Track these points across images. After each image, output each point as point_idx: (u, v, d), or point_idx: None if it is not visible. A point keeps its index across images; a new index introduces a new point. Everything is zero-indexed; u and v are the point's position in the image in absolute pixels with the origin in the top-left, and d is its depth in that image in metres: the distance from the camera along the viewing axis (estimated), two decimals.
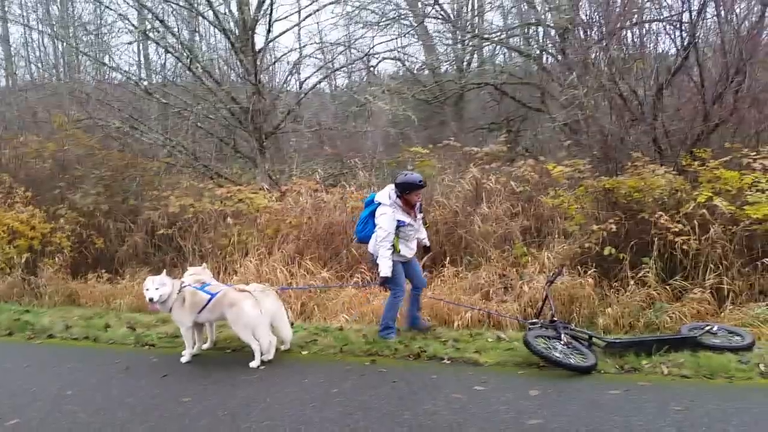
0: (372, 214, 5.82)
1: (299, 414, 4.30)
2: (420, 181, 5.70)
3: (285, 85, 11.58)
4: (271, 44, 11.21)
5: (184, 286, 5.60)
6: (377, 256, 5.69)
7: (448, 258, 7.61)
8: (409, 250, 5.90)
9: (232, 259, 8.30)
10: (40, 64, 17.78)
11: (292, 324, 6.31)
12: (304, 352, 5.80)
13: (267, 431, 4.04)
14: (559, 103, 10.34)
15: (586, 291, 6.54)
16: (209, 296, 5.50)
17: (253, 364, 5.35)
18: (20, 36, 18.58)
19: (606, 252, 6.94)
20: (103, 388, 5.05)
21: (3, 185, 10.04)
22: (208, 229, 8.97)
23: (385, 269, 5.57)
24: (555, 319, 5.55)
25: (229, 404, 4.54)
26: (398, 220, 5.66)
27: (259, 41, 10.91)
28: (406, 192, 5.67)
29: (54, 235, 9.23)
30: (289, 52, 11.40)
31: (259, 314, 5.36)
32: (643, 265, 6.77)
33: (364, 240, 6.00)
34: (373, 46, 12.65)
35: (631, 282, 6.64)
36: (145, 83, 11.46)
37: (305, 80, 11.98)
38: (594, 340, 5.42)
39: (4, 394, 4.98)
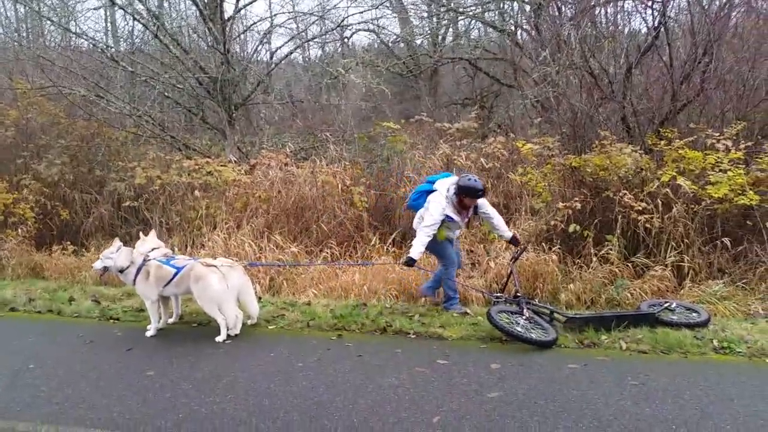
0: (428, 192, 5.87)
1: (264, 388, 4.34)
2: (479, 191, 5.68)
3: (255, 55, 11.38)
4: (241, 12, 11.00)
5: (149, 260, 5.54)
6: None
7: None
8: (452, 234, 6.01)
9: (200, 232, 8.23)
10: (0, 28, 17.12)
11: (259, 299, 6.33)
12: (271, 327, 5.82)
13: (232, 404, 4.07)
14: (532, 80, 10.35)
15: (550, 267, 6.65)
16: (175, 270, 5.46)
17: (219, 338, 5.36)
18: None
19: (571, 229, 7.05)
20: (67, 361, 5.02)
21: None
22: (175, 201, 8.85)
23: (415, 252, 5.61)
24: (519, 294, 5.65)
25: (193, 377, 4.55)
26: (447, 215, 5.71)
27: (229, 9, 10.70)
28: (464, 195, 5.68)
29: (17, 206, 9.00)
30: (260, 21, 11.17)
31: (225, 289, 5.36)
32: (607, 243, 6.90)
33: (412, 208, 6.11)
34: (347, 17, 12.41)
35: (594, 259, 6.77)
36: (112, 50, 11.10)
37: (276, 50, 11.79)
38: (555, 315, 5.54)
39: None
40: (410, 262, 5.61)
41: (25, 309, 6.69)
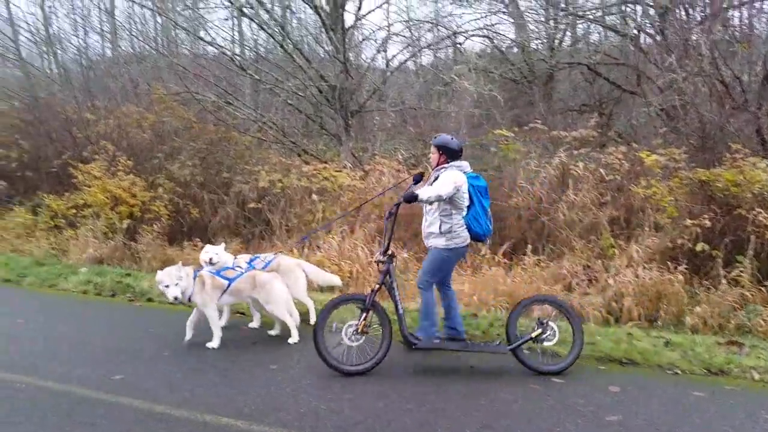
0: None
1: (378, 390, 4.48)
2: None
3: (372, 63, 11.66)
4: (360, 21, 11.31)
5: (198, 272, 5.68)
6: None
7: (529, 246, 7.52)
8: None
9: (316, 235, 8.58)
10: (141, 38, 18.74)
11: None
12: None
13: (348, 404, 4.22)
14: (656, 87, 9.84)
15: (675, 288, 6.31)
16: (227, 281, 5.66)
17: (292, 340, 5.63)
18: (125, 9, 19.53)
19: (698, 248, 6.65)
20: (197, 351, 5.46)
21: (107, 153, 10.74)
22: (294, 204, 9.28)
23: (425, 193, 4.77)
24: (377, 286, 4.98)
25: (314, 375, 4.77)
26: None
27: (349, 19, 11.04)
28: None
29: (153, 203, 9.85)
30: (377, 30, 11.42)
31: (287, 291, 5.65)
32: (738, 264, 6.44)
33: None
34: (462, 25, 12.42)
35: (724, 281, 6.34)
36: (239, 59, 11.84)
37: (392, 58, 12.02)
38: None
39: (113, 350, 5.48)
40: (411, 199, 4.73)
41: (160, 300, 7.27)
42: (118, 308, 7.20)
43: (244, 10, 11.30)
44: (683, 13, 9.86)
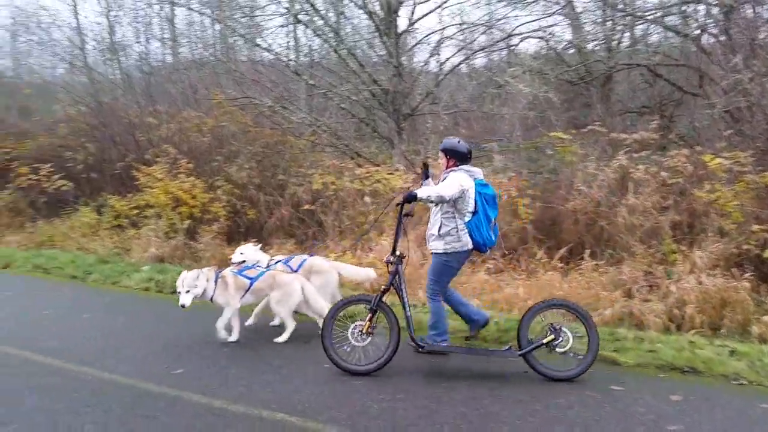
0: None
1: (431, 393, 4.48)
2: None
3: (425, 67, 11.67)
4: (412, 26, 11.33)
5: (220, 273, 5.83)
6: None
7: (587, 250, 7.34)
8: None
9: (368, 237, 8.63)
10: (200, 44, 19.33)
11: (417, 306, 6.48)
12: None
13: (401, 404, 4.24)
14: (720, 88, 9.46)
15: (741, 296, 6.02)
16: (249, 281, 5.79)
17: (281, 339, 5.74)
18: (184, 17, 20.18)
19: (766, 255, 6.35)
20: (253, 347, 5.60)
21: (168, 156, 11.12)
22: (347, 206, 9.37)
23: (424, 192, 4.77)
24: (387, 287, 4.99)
25: (367, 375, 4.80)
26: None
27: (402, 23, 11.08)
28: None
29: (212, 204, 10.14)
30: (430, 33, 11.40)
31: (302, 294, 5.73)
32: None
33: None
34: (517, 27, 12.24)
35: None
36: (294, 64, 12.07)
37: (445, 61, 11.98)
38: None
39: (174, 346, 5.69)
40: (411, 198, 4.71)
41: None
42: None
43: (300, 17, 11.50)
44: (750, 11, 9.45)
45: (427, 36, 11.25)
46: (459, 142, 5.10)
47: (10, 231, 12.38)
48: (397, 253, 4.98)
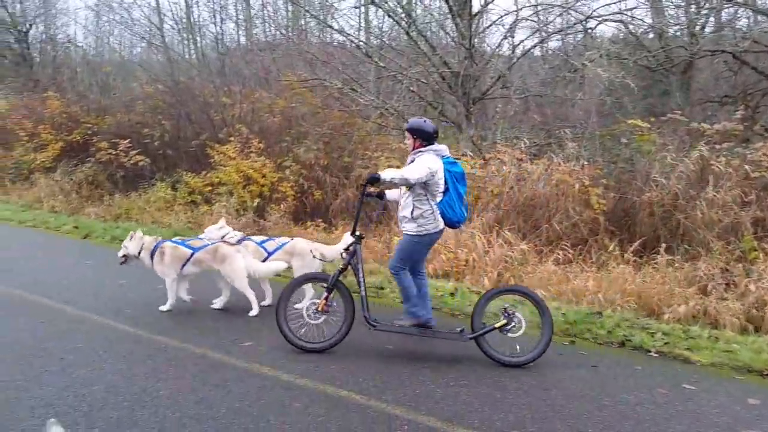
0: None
1: (495, 380, 4.45)
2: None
3: (497, 49, 11.43)
4: (486, 7, 11.11)
5: (161, 243, 6.10)
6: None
7: (663, 245, 7.06)
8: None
9: None
10: (273, 26, 19.68)
11: None
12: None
13: (465, 389, 4.24)
14: None
15: None
16: (191, 251, 6.00)
17: (252, 313, 5.93)
18: None
19: None
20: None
21: (241, 136, 11.40)
22: None
23: (387, 173, 4.72)
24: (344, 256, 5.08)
25: (432, 359, 4.82)
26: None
27: (475, 4, 10.89)
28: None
29: (281, 184, 10.35)
30: (505, 15, 11.08)
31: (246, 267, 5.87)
32: None
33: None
34: (595, 9, 11.79)
35: None
36: (365, 46, 12.07)
37: (518, 44, 11.70)
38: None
39: (243, 319, 5.87)
40: (373, 179, 4.70)
41: (285, 274, 7.66)
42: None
43: None
44: None
45: (501, 17, 10.98)
46: (425, 121, 5.04)
47: (90, 203, 12.98)
48: (357, 233, 5.09)
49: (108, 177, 13.55)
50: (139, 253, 6.10)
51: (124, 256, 6.17)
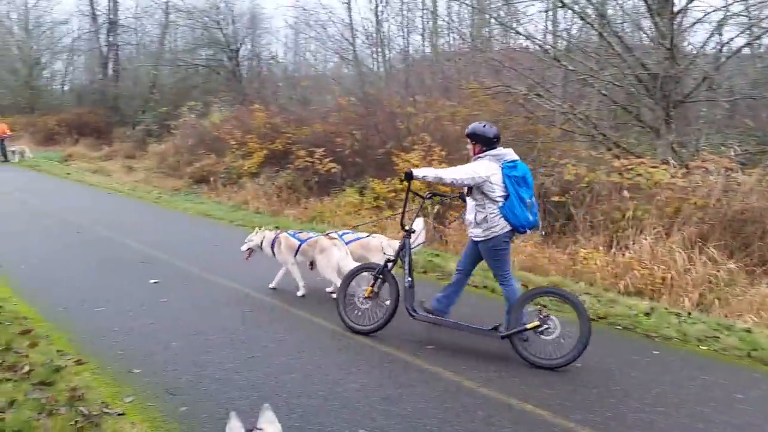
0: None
1: (697, 410, 4.07)
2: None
3: (702, 48, 10.38)
4: (691, 3, 10.14)
5: (278, 234, 6.74)
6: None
7: None
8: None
9: (625, 234, 8.06)
10: (458, 36, 19.92)
11: (689, 314, 5.88)
12: (703, 347, 5.35)
13: (662, 417, 3.94)
14: None
15: None
16: (299, 242, 6.54)
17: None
18: (444, 9, 21.00)
19: None
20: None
21: (424, 144, 11.67)
22: (601, 200, 8.86)
23: (420, 171, 5.02)
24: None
25: (622, 383, 4.54)
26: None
27: (677, 1, 9.96)
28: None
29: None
30: (712, 11, 10.00)
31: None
32: None
33: None
34: None
35: None
36: (552, 50, 11.69)
37: (727, 42, 10.50)
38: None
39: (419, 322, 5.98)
40: (408, 176, 4.92)
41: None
42: (428, 285, 7.77)
43: (565, 1, 11.08)
44: None
45: (707, 14, 9.94)
46: (485, 126, 5.02)
47: (288, 205, 14.21)
48: (406, 228, 5.42)
49: (304, 182, 14.71)
50: (262, 244, 6.80)
51: (249, 249, 6.89)
